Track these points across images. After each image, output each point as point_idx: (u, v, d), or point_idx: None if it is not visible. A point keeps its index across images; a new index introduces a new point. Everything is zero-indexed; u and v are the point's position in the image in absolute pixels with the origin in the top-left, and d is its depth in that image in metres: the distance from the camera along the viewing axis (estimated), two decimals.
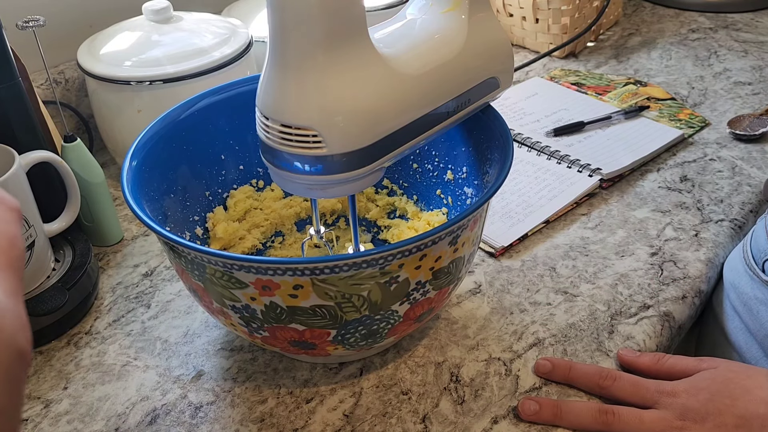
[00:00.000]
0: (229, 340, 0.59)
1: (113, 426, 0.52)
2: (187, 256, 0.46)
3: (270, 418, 0.52)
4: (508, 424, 0.51)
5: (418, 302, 0.49)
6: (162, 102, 0.70)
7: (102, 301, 0.64)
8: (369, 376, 0.55)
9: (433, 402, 0.53)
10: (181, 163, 0.58)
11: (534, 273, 0.65)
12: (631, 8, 1.23)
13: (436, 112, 0.48)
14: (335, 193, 0.47)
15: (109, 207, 0.69)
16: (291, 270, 0.43)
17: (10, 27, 0.63)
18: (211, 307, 0.50)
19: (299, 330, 0.48)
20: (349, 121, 0.43)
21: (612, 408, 0.50)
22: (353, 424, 0.52)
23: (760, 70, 1.00)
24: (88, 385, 0.56)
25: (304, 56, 0.42)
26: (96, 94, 0.76)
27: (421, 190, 0.64)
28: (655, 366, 0.54)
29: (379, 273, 0.44)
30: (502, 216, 0.71)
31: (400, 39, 0.48)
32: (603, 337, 0.58)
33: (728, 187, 0.76)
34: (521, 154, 0.81)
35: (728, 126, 0.85)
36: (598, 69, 1.02)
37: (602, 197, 0.75)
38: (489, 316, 0.60)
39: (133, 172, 0.51)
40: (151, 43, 0.74)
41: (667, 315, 0.60)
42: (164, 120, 0.56)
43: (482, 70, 0.51)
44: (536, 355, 0.56)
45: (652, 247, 0.68)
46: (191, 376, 0.56)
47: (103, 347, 0.59)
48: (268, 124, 0.44)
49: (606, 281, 0.64)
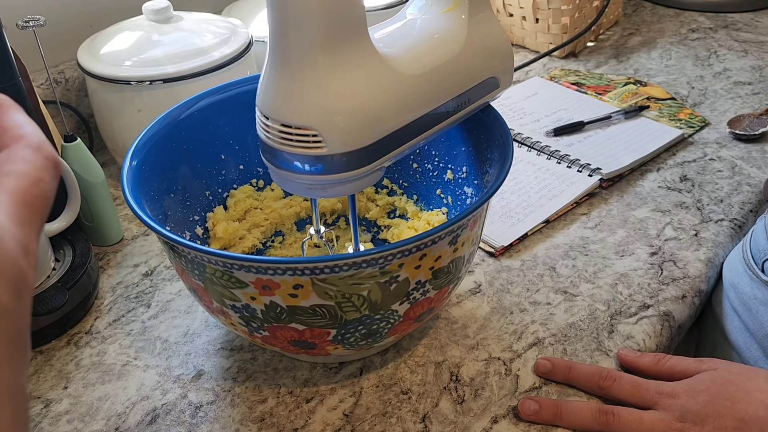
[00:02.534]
0: (229, 340, 0.59)
1: (113, 426, 0.52)
2: (187, 256, 0.46)
3: (270, 418, 0.52)
4: (507, 423, 0.51)
5: (418, 302, 0.49)
6: (162, 102, 0.70)
7: (102, 301, 0.64)
8: (369, 375, 0.55)
9: (433, 402, 0.53)
10: (181, 163, 0.58)
11: (534, 273, 0.65)
12: (631, 8, 1.23)
13: (436, 112, 0.48)
14: (335, 193, 0.47)
15: (109, 207, 0.69)
16: (291, 270, 0.43)
17: (10, 27, 0.63)
18: (211, 307, 0.50)
19: (299, 330, 0.48)
20: (349, 120, 0.43)
21: (612, 408, 0.50)
22: (353, 423, 0.52)
23: (760, 70, 1.00)
24: (88, 385, 0.56)
25: (304, 56, 0.42)
26: (96, 94, 0.76)
27: (421, 190, 0.64)
28: (655, 366, 0.54)
29: (379, 273, 0.44)
30: (502, 216, 0.71)
31: (400, 39, 0.48)
32: (603, 337, 0.58)
33: (728, 186, 0.76)
34: (521, 153, 0.81)
35: (728, 126, 0.85)
36: (598, 69, 1.02)
37: (602, 197, 0.75)
38: (489, 315, 0.60)
39: (133, 172, 0.51)
40: (151, 43, 0.74)
41: (667, 315, 0.60)
42: (164, 120, 0.56)
43: (482, 70, 0.51)
44: (536, 354, 0.56)
45: (651, 246, 0.68)
46: (191, 376, 0.56)
47: (103, 347, 0.59)
48: (268, 124, 0.44)
49: (606, 281, 0.64)
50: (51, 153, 0.27)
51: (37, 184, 0.26)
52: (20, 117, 0.28)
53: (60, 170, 0.28)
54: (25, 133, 0.27)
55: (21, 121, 0.28)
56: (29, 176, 0.26)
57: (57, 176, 0.27)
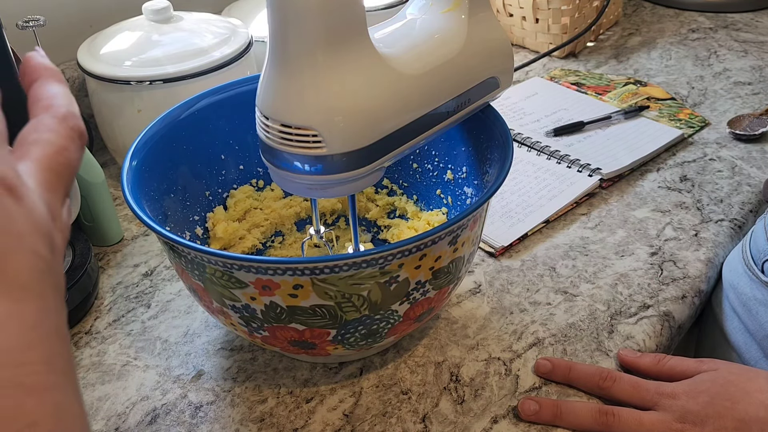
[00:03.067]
0: (229, 340, 0.59)
1: (113, 426, 0.52)
2: (187, 256, 0.46)
3: (270, 418, 0.52)
4: (507, 423, 0.51)
5: (417, 302, 0.49)
6: (162, 102, 0.70)
7: (102, 301, 0.64)
8: (369, 375, 0.55)
9: (432, 402, 0.53)
10: (181, 163, 0.58)
11: (534, 273, 0.65)
12: (631, 8, 1.23)
13: (436, 112, 0.48)
14: (335, 193, 0.47)
15: (109, 207, 0.69)
16: (291, 270, 0.43)
17: (10, 27, 0.63)
18: (211, 307, 0.50)
19: (299, 330, 0.48)
20: (349, 120, 0.43)
21: (612, 409, 0.50)
22: (353, 423, 0.52)
23: (760, 70, 1.00)
24: (88, 385, 0.56)
25: (304, 56, 0.42)
26: (96, 94, 0.76)
27: (421, 190, 0.64)
28: (655, 367, 0.54)
29: (379, 273, 0.44)
30: (502, 216, 0.71)
31: (400, 39, 0.48)
32: (603, 337, 0.58)
33: (728, 187, 0.76)
34: (521, 153, 0.81)
35: (728, 126, 0.85)
36: (598, 69, 1.02)
37: (602, 197, 0.75)
38: (489, 315, 0.60)
39: (133, 172, 0.51)
40: (151, 43, 0.74)
41: (667, 315, 0.60)
42: (164, 120, 0.56)
43: (482, 70, 0.51)
44: (536, 354, 0.56)
45: (651, 246, 0.68)
46: (191, 376, 0.56)
47: (103, 347, 0.59)
48: (268, 124, 0.44)
49: (606, 281, 0.64)
50: (77, 123, 0.28)
51: (62, 153, 0.27)
52: (54, 88, 0.30)
53: (85, 140, 0.29)
54: (55, 104, 0.29)
55: (53, 92, 0.29)
56: (54, 145, 0.27)
57: (82, 146, 0.28)
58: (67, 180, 0.27)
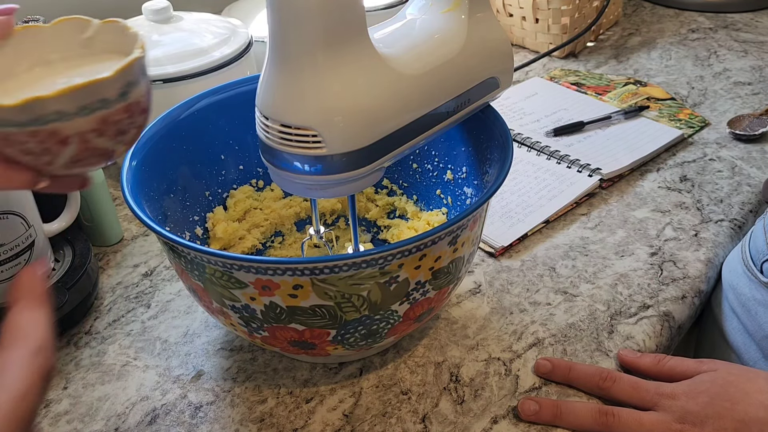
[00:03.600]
0: (229, 340, 0.59)
1: (113, 426, 0.52)
2: (187, 256, 0.46)
3: (270, 418, 0.52)
4: (507, 424, 0.51)
5: (417, 302, 0.49)
6: (162, 102, 0.70)
7: (102, 301, 0.64)
8: (369, 376, 0.55)
9: (432, 402, 0.53)
10: (181, 163, 0.58)
11: (534, 273, 0.65)
12: (631, 8, 1.23)
13: (436, 112, 0.48)
14: (335, 193, 0.47)
15: (109, 207, 0.69)
16: (291, 270, 0.43)
17: None
18: (211, 307, 0.50)
19: (299, 330, 0.48)
20: (348, 121, 0.43)
21: (612, 409, 0.50)
22: (353, 424, 0.52)
23: (760, 70, 1.00)
24: (87, 385, 0.56)
25: (303, 56, 0.42)
26: None
27: (420, 190, 0.64)
28: (655, 367, 0.54)
29: (379, 273, 0.44)
30: (502, 216, 0.71)
31: (400, 39, 0.48)
32: (603, 337, 0.58)
33: (728, 187, 0.76)
34: (521, 154, 0.81)
35: (728, 126, 0.85)
36: (598, 69, 1.02)
37: (602, 197, 0.75)
38: (489, 316, 0.60)
39: (133, 172, 0.51)
40: (151, 43, 0.74)
41: (667, 315, 0.60)
42: (164, 120, 0.56)
43: (482, 70, 0.51)
44: (536, 355, 0.56)
45: (651, 247, 0.68)
46: (191, 376, 0.56)
47: (102, 347, 0.59)
48: (268, 124, 0.44)
49: (606, 281, 0.64)
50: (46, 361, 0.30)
51: (26, 398, 0.29)
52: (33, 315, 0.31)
53: (53, 377, 0.31)
54: (30, 336, 0.30)
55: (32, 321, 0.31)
56: (19, 391, 0.28)
57: (47, 385, 0.30)
58: (28, 423, 0.28)
